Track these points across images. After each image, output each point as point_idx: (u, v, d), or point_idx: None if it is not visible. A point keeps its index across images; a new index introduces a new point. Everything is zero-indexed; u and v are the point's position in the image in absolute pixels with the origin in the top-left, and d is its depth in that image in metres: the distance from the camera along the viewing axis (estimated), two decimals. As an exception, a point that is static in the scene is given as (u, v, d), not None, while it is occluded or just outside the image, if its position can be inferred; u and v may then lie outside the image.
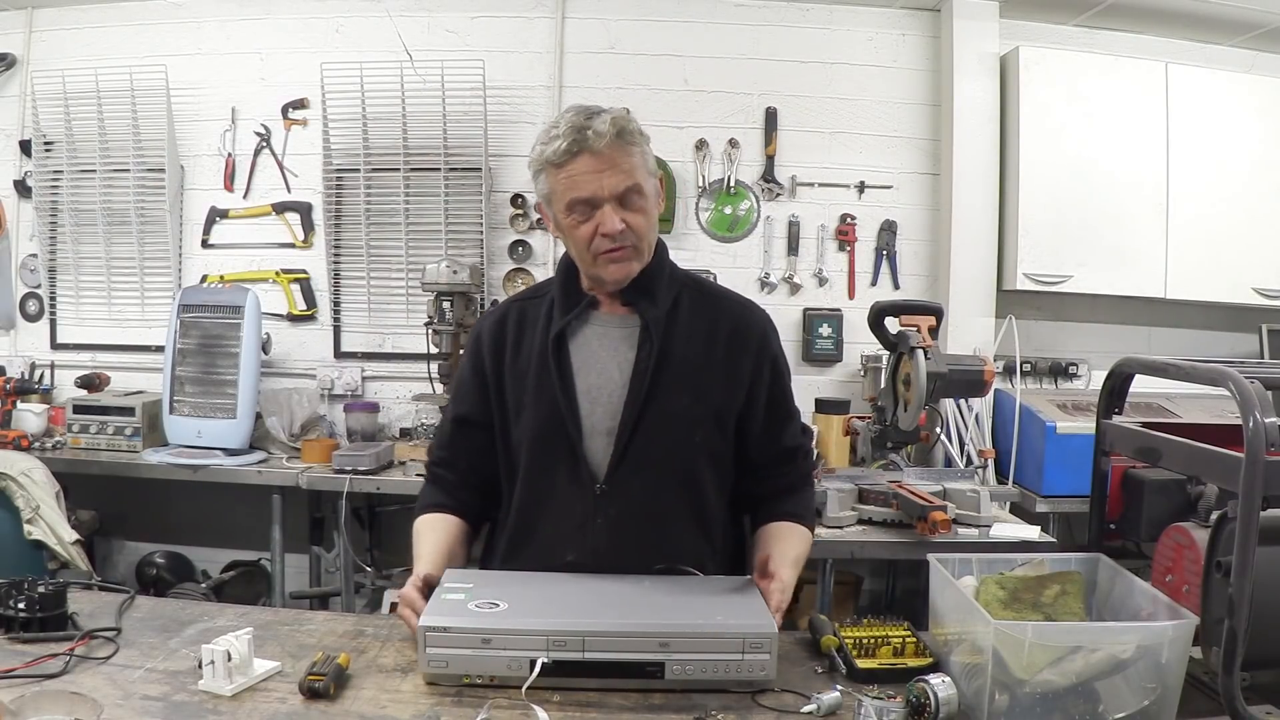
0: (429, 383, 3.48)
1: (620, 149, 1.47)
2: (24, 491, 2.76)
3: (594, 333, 1.61)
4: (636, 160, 1.50)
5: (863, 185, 3.77)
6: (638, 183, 1.49)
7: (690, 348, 1.59)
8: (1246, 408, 1.24)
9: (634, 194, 1.49)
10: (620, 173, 1.48)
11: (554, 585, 1.47)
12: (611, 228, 1.48)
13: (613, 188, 1.47)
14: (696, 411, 1.57)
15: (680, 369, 1.56)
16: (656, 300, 1.58)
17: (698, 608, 1.38)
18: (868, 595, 3.69)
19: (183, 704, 1.24)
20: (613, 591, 1.44)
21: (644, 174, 1.51)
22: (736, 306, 1.67)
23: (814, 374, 3.77)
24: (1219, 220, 3.59)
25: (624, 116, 1.50)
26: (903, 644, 1.44)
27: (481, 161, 3.68)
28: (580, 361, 1.58)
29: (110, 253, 3.83)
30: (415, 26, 3.72)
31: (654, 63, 3.75)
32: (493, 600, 1.37)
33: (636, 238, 1.51)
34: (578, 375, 1.58)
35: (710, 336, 1.61)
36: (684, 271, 1.70)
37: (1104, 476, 1.67)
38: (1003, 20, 3.65)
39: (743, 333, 1.63)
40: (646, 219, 1.52)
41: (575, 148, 1.46)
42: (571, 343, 1.59)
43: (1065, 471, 3.18)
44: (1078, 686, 1.19)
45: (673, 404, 1.55)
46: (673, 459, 1.57)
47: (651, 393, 1.54)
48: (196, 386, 3.38)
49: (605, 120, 1.46)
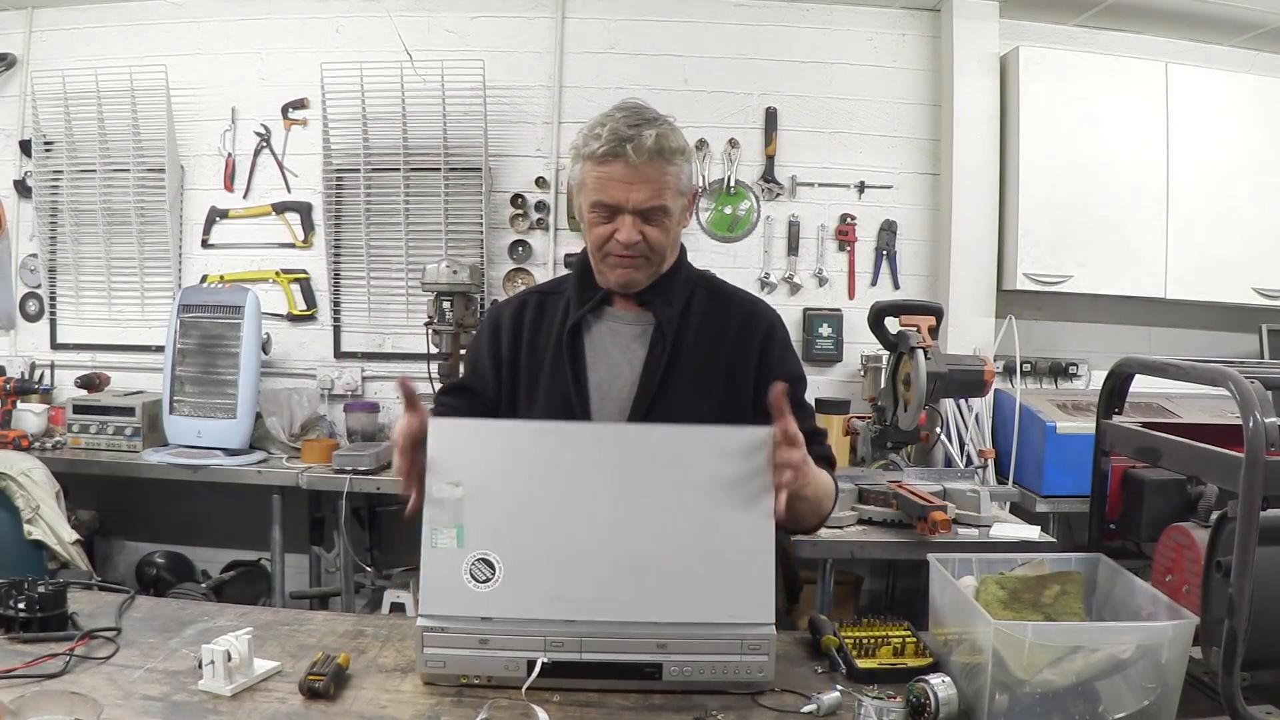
0: (429, 383, 3.48)
1: (655, 166, 1.50)
2: (24, 491, 2.76)
3: (607, 328, 1.63)
4: (670, 179, 1.52)
5: (863, 185, 3.77)
6: (664, 204, 1.52)
7: (700, 347, 1.61)
8: (1246, 408, 1.24)
9: (658, 211, 1.52)
10: (649, 189, 1.50)
11: (562, 512, 1.33)
12: (627, 239, 1.51)
13: (637, 202, 1.50)
14: (703, 410, 1.57)
15: (689, 367, 1.59)
16: (671, 300, 1.61)
17: (699, 598, 1.31)
18: (868, 595, 3.69)
19: (183, 704, 1.24)
20: (622, 522, 1.32)
21: (673, 194, 1.53)
22: (745, 304, 1.69)
23: (814, 374, 3.76)
24: (1219, 220, 3.59)
25: (668, 133, 1.52)
26: (903, 644, 1.45)
27: (481, 161, 3.68)
28: (593, 356, 1.61)
29: (110, 253, 3.82)
30: (415, 26, 3.72)
31: (654, 63, 3.76)
32: (487, 558, 1.30)
33: (650, 250, 1.54)
34: (590, 369, 1.60)
35: (719, 335, 1.63)
36: (699, 271, 1.73)
37: (1104, 476, 1.68)
38: (1003, 20, 3.65)
39: (750, 328, 1.64)
40: (665, 235, 1.55)
41: (613, 154, 1.49)
42: (585, 337, 1.62)
43: (1065, 471, 3.18)
44: (1078, 686, 1.19)
45: (680, 402, 1.56)
46: None
47: (660, 390, 1.57)
48: (196, 386, 3.38)
49: (650, 136, 1.49)
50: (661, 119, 1.54)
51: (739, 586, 1.31)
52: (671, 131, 1.53)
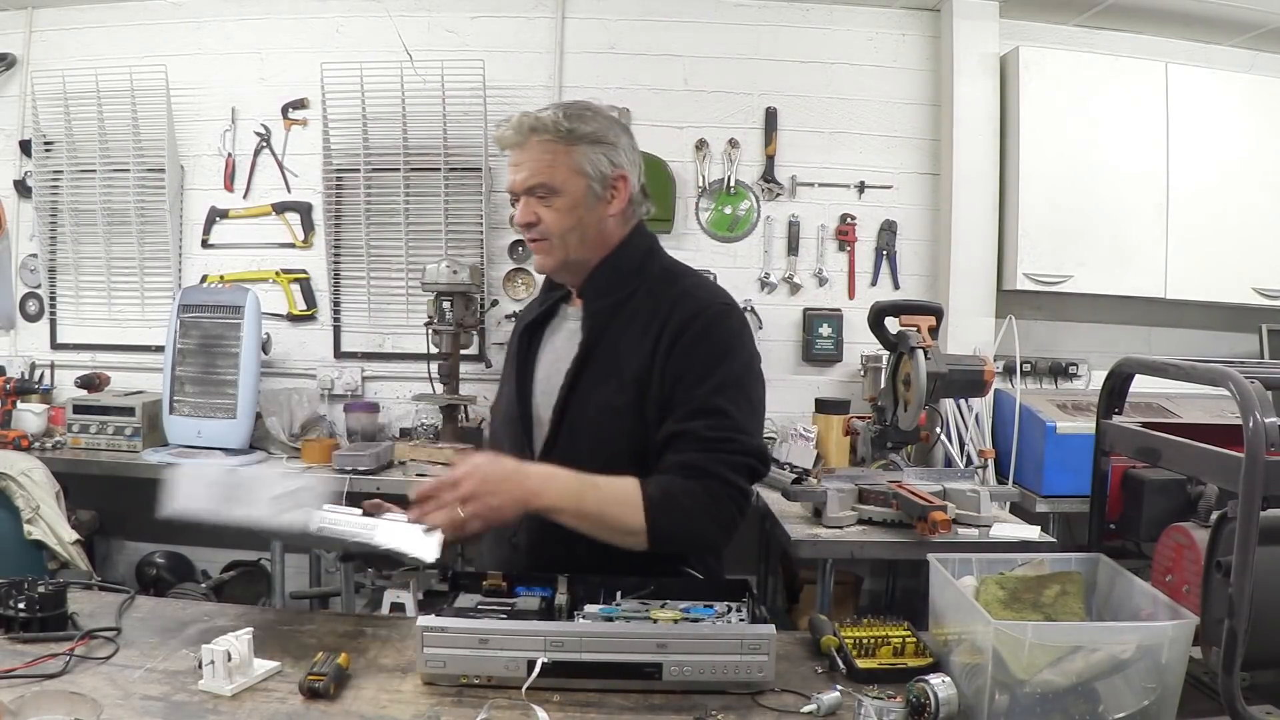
0: (429, 383, 3.48)
1: (540, 145, 1.55)
2: (24, 491, 2.77)
3: (559, 325, 1.72)
4: (552, 158, 1.55)
5: (863, 185, 3.77)
6: (543, 182, 1.55)
7: (625, 338, 1.57)
8: (1246, 408, 1.24)
9: (542, 191, 1.56)
10: (528, 168, 1.56)
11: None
12: (519, 219, 1.60)
13: (521, 181, 1.57)
14: (617, 401, 1.55)
15: (608, 360, 1.57)
16: (602, 292, 1.63)
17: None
18: (868, 595, 3.69)
19: (183, 704, 1.24)
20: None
21: (566, 173, 1.55)
22: (685, 296, 1.59)
23: (814, 374, 3.77)
24: (1219, 220, 3.58)
25: (559, 114, 1.55)
26: (903, 644, 1.44)
27: (481, 161, 3.68)
28: (545, 352, 1.70)
29: (110, 253, 3.82)
30: (415, 26, 3.72)
31: (654, 63, 3.75)
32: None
33: (548, 231, 1.58)
34: (539, 365, 1.69)
35: (647, 326, 1.56)
36: (668, 266, 1.67)
37: (1104, 476, 1.67)
38: (1003, 20, 3.65)
39: (665, 321, 1.55)
40: (556, 215, 1.57)
41: (502, 142, 1.60)
42: (545, 333, 1.72)
43: (1065, 471, 3.18)
44: (1078, 686, 1.19)
45: (596, 394, 1.57)
46: (595, 450, 1.55)
47: (576, 384, 1.58)
48: (196, 386, 3.38)
49: (530, 117, 1.55)
50: (589, 109, 1.58)
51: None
52: (562, 116, 1.54)
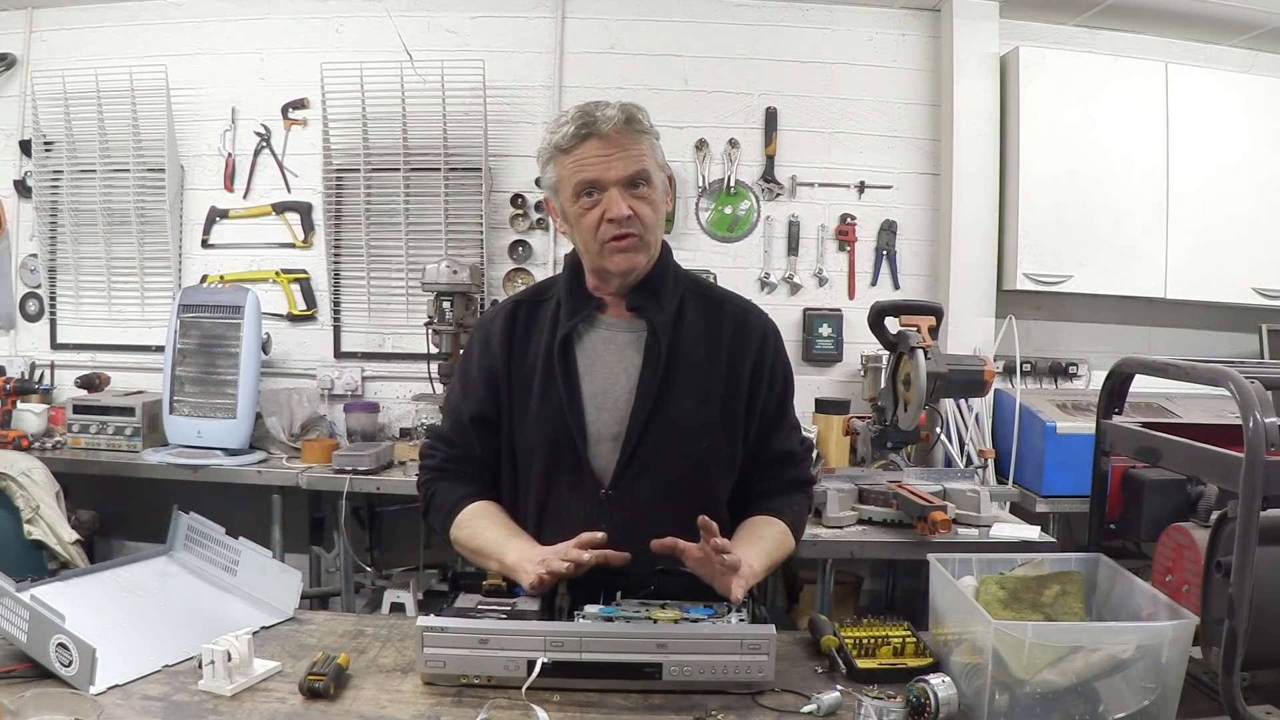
0: (429, 383, 3.48)
1: (628, 134, 1.47)
2: (24, 491, 2.76)
3: (600, 337, 1.58)
4: (645, 148, 1.50)
5: (863, 185, 3.77)
6: (645, 169, 1.48)
7: (695, 353, 1.57)
8: (1246, 408, 1.24)
9: (641, 181, 1.48)
10: (628, 157, 1.47)
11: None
12: (618, 212, 1.46)
13: (620, 171, 1.46)
14: (703, 417, 1.55)
15: (686, 374, 1.55)
16: (663, 305, 1.57)
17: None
18: (868, 595, 3.69)
19: (183, 704, 1.24)
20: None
21: (653, 164, 1.51)
22: (739, 310, 1.65)
23: (814, 374, 3.77)
24: (1219, 220, 3.59)
25: (634, 106, 1.50)
26: (903, 644, 1.44)
27: (481, 161, 3.68)
28: (586, 366, 1.56)
29: (110, 253, 3.82)
30: (415, 26, 3.72)
31: (654, 63, 3.75)
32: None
33: (643, 228, 1.49)
34: (583, 380, 1.55)
35: (714, 341, 1.59)
36: (687, 273, 1.69)
37: (1104, 476, 1.68)
38: (1003, 20, 3.65)
39: (745, 334, 1.61)
40: (654, 209, 1.51)
41: (583, 131, 1.46)
42: (578, 346, 1.57)
43: (1065, 471, 3.18)
44: (1078, 686, 1.19)
45: (679, 410, 1.53)
46: (679, 465, 1.54)
47: (659, 399, 1.53)
48: (196, 386, 3.37)
49: (615, 107, 1.47)
50: (625, 102, 1.54)
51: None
52: (636, 107, 1.51)
